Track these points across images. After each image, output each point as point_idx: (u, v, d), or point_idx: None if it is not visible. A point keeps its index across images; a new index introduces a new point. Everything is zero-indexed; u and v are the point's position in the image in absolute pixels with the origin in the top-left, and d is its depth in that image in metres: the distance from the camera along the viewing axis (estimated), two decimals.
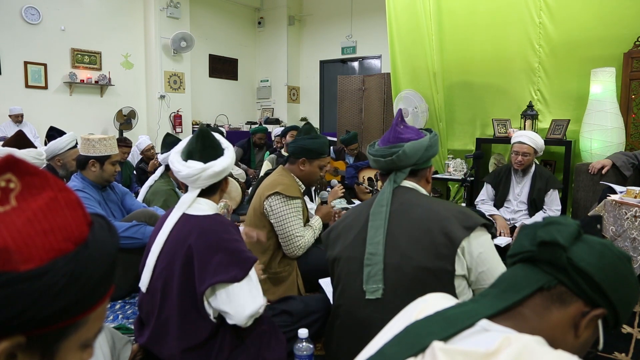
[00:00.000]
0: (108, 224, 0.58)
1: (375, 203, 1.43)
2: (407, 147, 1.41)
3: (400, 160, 1.42)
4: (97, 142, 2.47)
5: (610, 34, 3.82)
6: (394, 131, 1.48)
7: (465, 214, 1.35)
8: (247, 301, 1.41)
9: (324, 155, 2.41)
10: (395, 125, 1.49)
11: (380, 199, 1.42)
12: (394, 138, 1.47)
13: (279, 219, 2.25)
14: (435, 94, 4.94)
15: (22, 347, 0.49)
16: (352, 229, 1.46)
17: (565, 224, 0.75)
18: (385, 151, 1.45)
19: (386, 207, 1.39)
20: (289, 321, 1.74)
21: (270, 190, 2.26)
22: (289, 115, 9.17)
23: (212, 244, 1.43)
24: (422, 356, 0.69)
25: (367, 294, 1.33)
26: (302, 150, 2.35)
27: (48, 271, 0.48)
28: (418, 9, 4.84)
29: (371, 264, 1.34)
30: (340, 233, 1.50)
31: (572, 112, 4.09)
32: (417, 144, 1.43)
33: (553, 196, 3.25)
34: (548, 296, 0.73)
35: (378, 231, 1.36)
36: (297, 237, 2.26)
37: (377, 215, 1.39)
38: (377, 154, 1.48)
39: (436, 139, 1.49)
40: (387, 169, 1.48)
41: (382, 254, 1.33)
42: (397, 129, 1.47)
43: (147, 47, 7.50)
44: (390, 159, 1.43)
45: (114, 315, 2.32)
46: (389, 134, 1.49)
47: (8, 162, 0.50)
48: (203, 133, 1.56)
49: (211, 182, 1.53)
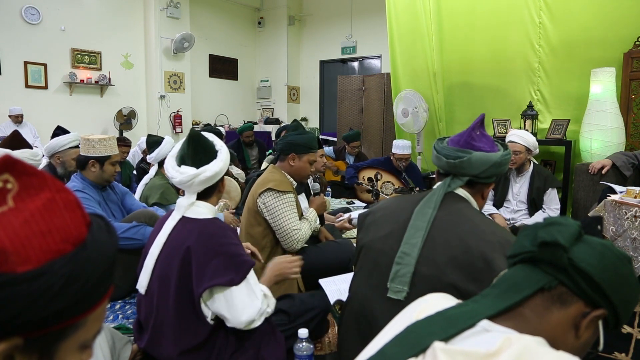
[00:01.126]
0: (107, 225, 0.58)
1: (422, 202, 1.35)
2: (474, 156, 1.32)
3: (462, 166, 1.34)
4: (97, 143, 2.47)
5: (610, 34, 3.82)
6: (467, 135, 1.38)
7: (510, 242, 1.25)
8: (245, 305, 1.41)
9: (313, 149, 2.42)
10: (471, 129, 1.38)
11: (429, 200, 1.34)
12: (465, 142, 1.37)
13: (274, 215, 2.26)
14: (435, 94, 4.94)
15: (19, 348, 0.49)
16: (389, 221, 1.40)
17: (566, 224, 0.75)
18: (451, 152, 1.35)
19: (433, 211, 1.32)
20: (286, 320, 1.74)
21: (262, 188, 2.28)
22: (289, 115, 9.17)
23: (210, 248, 1.43)
24: (422, 356, 0.69)
25: (390, 292, 1.28)
26: (290, 146, 2.37)
27: (46, 273, 0.48)
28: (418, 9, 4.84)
29: (402, 264, 1.28)
30: (377, 220, 1.43)
31: (572, 112, 4.09)
32: (485, 156, 1.33)
33: (552, 195, 3.26)
34: (549, 297, 0.73)
35: (418, 232, 1.29)
36: (294, 230, 2.27)
37: (421, 216, 1.32)
38: (442, 151, 1.38)
39: (508, 158, 1.39)
40: (446, 171, 1.39)
41: (416, 258, 1.27)
42: (472, 133, 1.38)
43: (147, 47, 7.50)
44: (452, 162, 1.34)
45: (114, 315, 2.31)
46: (462, 136, 1.39)
47: (5, 162, 0.50)
48: (193, 137, 1.53)
49: (205, 186, 1.52)
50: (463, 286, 1.21)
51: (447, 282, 1.22)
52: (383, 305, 1.29)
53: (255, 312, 1.42)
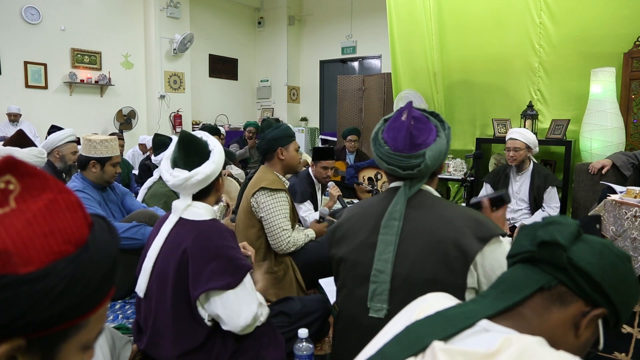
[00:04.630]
0: (108, 225, 0.58)
1: (387, 215, 1.30)
2: (428, 158, 1.26)
3: (421, 173, 1.29)
4: (99, 144, 2.47)
5: (610, 33, 3.82)
6: (409, 136, 1.28)
7: (479, 222, 1.26)
8: (241, 308, 1.40)
9: (294, 137, 2.49)
10: (407, 127, 1.28)
11: (393, 211, 1.30)
12: (410, 145, 1.28)
13: (267, 213, 2.28)
14: (435, 93, 4.94)
15: (22, 349, 0.49)
16: (359, 231, 1.37)
17: (565, 223, 0.75)
18: (403, 162, 1.28)
19: (399, 222, 1.28)
20: (286, 322, 1.74)
21: (255, 188, 2.31)
22: (289, 115, 9.17)
23: (207, 250, 1.42)
24: (422, 356, 0.69)
25: (371, 311, 1.27)
26: (274, 142, 2.40)
27: (48, 274, 0.48)
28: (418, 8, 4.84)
29: (377, 282, 1.27)
30: (346, 233, 1.40)
31: (572, 112, 4.09)
32: (436, 151, 1.28)
33: (552, 193, 3.27)
34: (548, 296, 0.73)
35: (388, 247, 1.27)
36: (283, 230, 2.28)
37: (388, 229, 1.29)
38: (392, 162, 1.30)
39: (450, 133, 1.34)
40: (402, 176, 1.33)
41: (390, 274, 1.25)
42: (412, 132, 1.28)
43: (147, 47, 7.49)
44: (410, 172, 1.28)
45: (114, 315, 2.32)
46: (400, 138, 1.29)
47: (7, 164, 0.50)
48: (184, 140, 1.50)
49: (200, 188, 1.50)
50: (442, 278, 1.21)
51: (426, 278, 1.22)
52: (370, 319, 1.28)
53: (252, 316, 1.42)
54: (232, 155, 5.10)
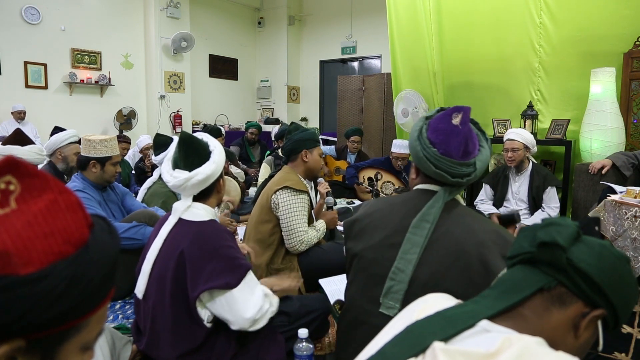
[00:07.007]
0: (109, 226, 0.58)
1: (420, 215, 1.27)
2: (479, 169, 1.24)
3: (469, 182, 1.26)
4: (98, 144, 2.47)
5: (610, 33, 3.82)
6: (464, 143, 1.24)
7: (506, 240, 1.24)
8: (246, 305, 1.40)
9: (319, 143, 2.56)
10: (464, 134, 1.24)
11: (427, 213, 1.26)
12: (464, 152, 1.24)
13: (286, 212, 2.31)
14: (435, 94, 4.94)
15: (22, 350, 0.49)
16: (379, 228, 1.34)
17: (565, 224, 0.75)
18: (454, 168, 1.24)
19: (431, 225, 1.25)
20: (286, 321, 1.74)
21: (279, 185, 2.35)
22: (289, 115, 9.17)
23: (205, 251, 1.41)
24: (422, 356, 0.69)
25: (383, 307, 1.26)
26: (300, 144, 2.46)
27: (48, 275, 0.48)
28: (418, 9, 4.84)
29: (395, 280, 1.25)
30: (365, 228, 1.37)
31: (572, 112, 4.09)
32: (483, 161, 1.25)
33: (551, 194, 3.27)
34: (548, 297, 0.74)
35: (414, 248, 1.24)
36: (300, 231, 2.32)
37: (418, 229, 1.25)
38: (441, 166, 1.25)
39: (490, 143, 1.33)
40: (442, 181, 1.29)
41: (410, 275, 1.23)
42: (473, 141, 1.25)
43: (147, 47, 7.49)
44: (460, 180, 1.25)
45: (114, 315, 2.31)
46: (454, 144, 1.25)
47: (8, 164, 0.49)
48: (184, 140, 1.51)
49: (200, 188, 1.50)
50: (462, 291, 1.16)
51: (446, 288, 1.18)
52: (379, 317, 1.27)
53: (257, 310, 1.41)
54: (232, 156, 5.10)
